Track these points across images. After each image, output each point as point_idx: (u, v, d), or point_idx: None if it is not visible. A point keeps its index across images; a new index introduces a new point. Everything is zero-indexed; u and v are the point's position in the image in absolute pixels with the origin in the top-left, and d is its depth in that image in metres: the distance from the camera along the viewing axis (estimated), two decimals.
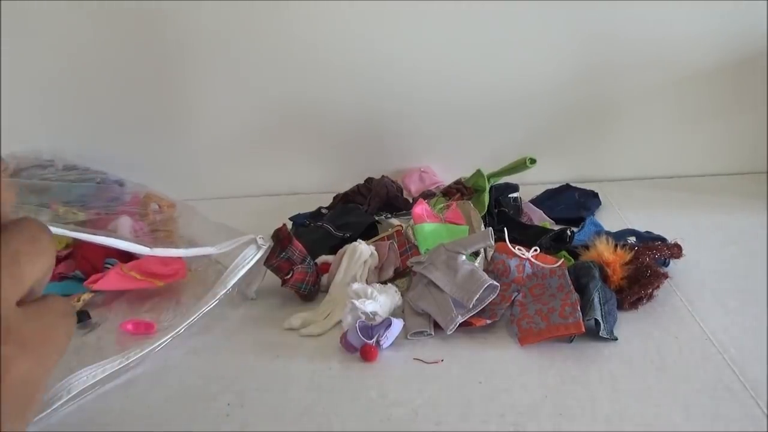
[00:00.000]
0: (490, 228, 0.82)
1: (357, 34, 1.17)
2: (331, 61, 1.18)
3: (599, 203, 1.10)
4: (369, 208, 1.06)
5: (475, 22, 1.13)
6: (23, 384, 0.23)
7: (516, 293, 0.76)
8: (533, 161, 1.00)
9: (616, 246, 0.77)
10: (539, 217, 1.03)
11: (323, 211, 1.09)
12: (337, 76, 1.20)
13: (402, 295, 0.78)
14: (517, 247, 0.80)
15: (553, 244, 0.86)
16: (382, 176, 1.16)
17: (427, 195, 1.11)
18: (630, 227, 0.93)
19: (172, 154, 1.28)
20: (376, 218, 1.02)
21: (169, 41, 1.19)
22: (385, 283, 0.81)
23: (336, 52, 1.18)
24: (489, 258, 0.83)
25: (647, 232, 0.90)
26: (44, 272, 0.26)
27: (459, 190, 1.06)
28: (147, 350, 0.70)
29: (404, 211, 1.05)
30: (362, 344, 0.68)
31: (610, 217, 1.04)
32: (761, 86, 1.13)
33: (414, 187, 1.22)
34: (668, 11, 1.08)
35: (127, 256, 0.87)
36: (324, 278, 0.86)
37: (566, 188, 1.15)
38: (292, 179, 1.31)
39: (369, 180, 1.16)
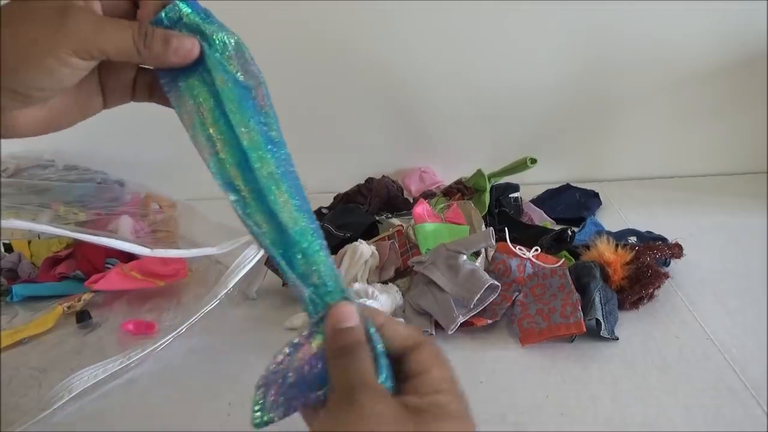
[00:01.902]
0: (491, 228, 0.82)
1: (356, 34, 1.17)
2: (330, 62, 1.18)
3: (600, 203, 1.10)
4: (369, 208, 1.06)
5: (475, 22, 1.13)
6: None
7: (517, 293, 0.76)
8: (534, 161, 1.00)
9: (616, 246, 0.77)
10: (540, 217, 1.03)
11: (324, 211, 1.09)
12: (337, 77, 1.20)
13: (403, 294, 0.78)
14: (518, 247, 0.80)
15: (554, 244, 0.86)
16: (383, 176, 1.16)
17: (427, 195, 1.11)
18: (630, 227, 0.93)
19: (172, 154, 1.28)
20: (377, 218, 1.02)
21: None
22: (386, 282, 0.81)
23: (335, 52, 1.18)
24: (490, 258, 0.83)
25: (648, 232, 0.90)
26: None
27: (459, 190, 1.06)
28: (148, 350, 0.70)
29: (405, 211, 1.05)
30: None
31: (611, 217, 1.04)
32: (761, 86, 1.13)
33: (414, 187, 1.22)
34: (668, 11, 1.08)
35: (127, 256, 0.87)
36: None
37: (567, 188, 1.15)
38: None
39: (369, 180, 1.16)
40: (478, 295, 0.70)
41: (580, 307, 0.68)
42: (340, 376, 0.33)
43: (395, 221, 0.98)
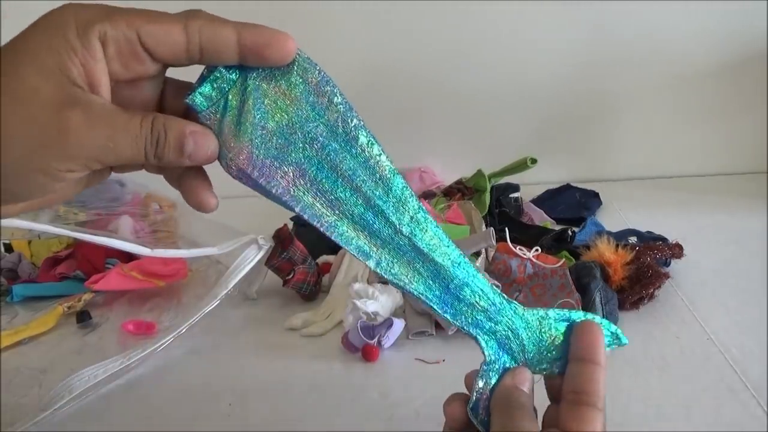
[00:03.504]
0: (492, 228, 0.82)
1: (355, 33, 1.17)
2: (329, 61, 1.18)
3: (600, 203, 1.10)
4: None
5: (475, 22, 1.13)
6: None
7: (517, 293, 0.76)
8: (534, 161, 1.00)
9: (617, 246, 0.77)
10: (540, 217, 1.03)
11: None
12: (335, 76, 1.20)
13: (403, 295, 0.78)
14: (518, 247, 0.80)
15: (554, 244, 0.86)
16: None
17: (427, 195, 1.11)
18: (631, 227, 0.93)
19: None
20: None
21: None
22: (386, 283, 0.80)
23: (333, 51, 1.18)
24: (490, 258, 0.83)
25: (648, 232, 0.90)
26: None
27: (460, 190, 1.06)
28: (148, 350, 0.70)
29: None
30: (363, 344, 0.68)
31: (611, 217, 1.04)
32: (761, 86, 1.13)
33: (414, 187, 1.22)
34: (669, 11, 1.09)
35: (127, 256, 0.87)
36: (325, 278, 0.86)
37: (567, 188, 1.16)
38: None
39: None
40: None
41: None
42: (511, 427, 0.34)
43: None
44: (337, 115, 0.31)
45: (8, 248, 0.97)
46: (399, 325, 0.70)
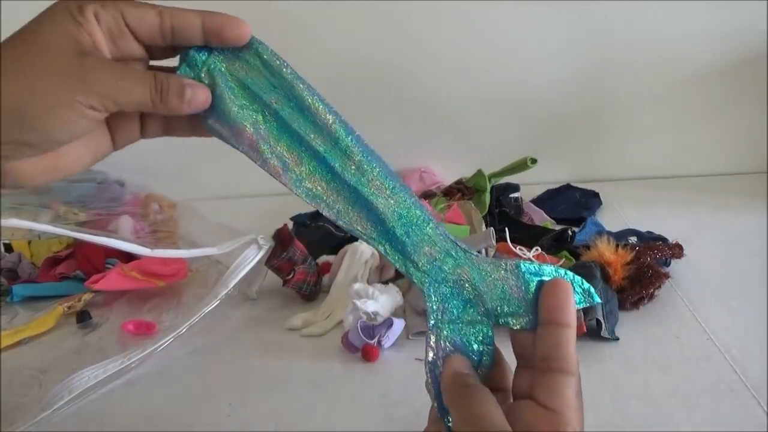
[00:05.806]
0: (492, 228, 0.82)
1: (355, 33, 1.17)
2: (328, 61, 1.18)
3: (600, 203, 1.10)
4: None
5: (475, 22, 1.13)
6: None
7: None
8: (534, 161, 1.00)
9: (617, 246, 0.77)
10: (540, 217, 1.03)
11: None
12: (335, 76, 1.20)
13: (403, 294, 0.77)
14: (518, 247, 0.80)
15: (555, 244, 0.86)
16: None
17: (427, 195, 1.11)
18: (631, 227, 0.93)
19: (172, 154, 1.28)
20: None
21: None
22: (386, 283, 0.80)
23: (334, 51, 1.18)
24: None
25: (648, 232, 0.90)
26: None
27: (460, 190, 1.06)
28: (148, 350, 0.70)
29: None
30: (363, 344, 0.68)
31: (611, 217, 1.04)
32: (761, 86, 1.13)
33: (414, 187, 1.22)
34: (668, 11, 1.08)
35: (127, 256, 0.87)
36: (325, 278, 0.86)
37: (567, 188, 1.16)
38: None
39: None
40: None
41: (581, 309, 0.67)
42: (471, 416, 0.33)
43: None
44: (288, 83, 0.37)
45: (8, 248, 0.97)
46: (399, 325, 0.70)
